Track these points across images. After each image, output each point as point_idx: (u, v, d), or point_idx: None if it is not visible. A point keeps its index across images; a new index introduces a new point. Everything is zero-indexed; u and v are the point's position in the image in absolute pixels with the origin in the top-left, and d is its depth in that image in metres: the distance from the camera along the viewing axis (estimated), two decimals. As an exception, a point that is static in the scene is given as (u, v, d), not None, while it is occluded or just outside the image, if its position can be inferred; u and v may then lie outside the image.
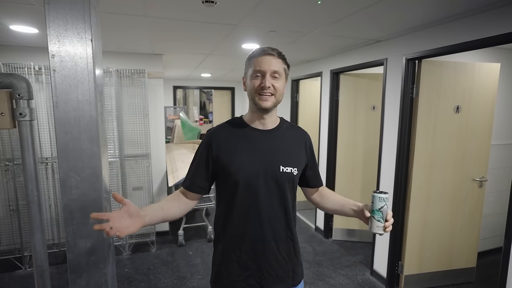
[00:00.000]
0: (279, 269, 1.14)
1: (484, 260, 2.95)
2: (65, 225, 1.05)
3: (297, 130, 1.25)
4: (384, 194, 1.01)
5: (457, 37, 1.99)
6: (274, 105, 1.11)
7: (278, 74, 1.09)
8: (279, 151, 1.14)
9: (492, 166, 2.83)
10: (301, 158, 1.19)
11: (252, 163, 1.10)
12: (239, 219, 1.12)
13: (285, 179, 1.12)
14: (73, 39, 0.94)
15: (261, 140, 1.14)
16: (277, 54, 1.10)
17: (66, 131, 1.01)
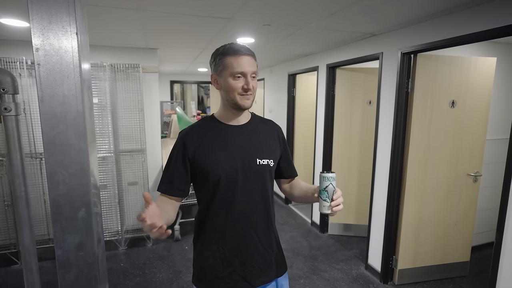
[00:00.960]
0: (262, 261, 1.16)
1: (478, 254, 2.97)
2: (52, 221, 1.04)
3: (269, 123, 1.28)
4: (328, 173, 1.01)
5: (452, 31, 1.98)
6: (252, 103, 1.14)
7: (255, 74, 1.11)
8: (254, 145, 1.17)
9: (488, 161, 2.83)
10: (276, 150, 1.22)
11: (229, 160, 1.11)
12: (220, 216, 1.12)
13: (263, 172, 1.15)
14: (57, 32, 0.92)
15: (235, 136, 1.16)
16: (252, 54, 1.12)
17: (52, 126, 0.99)
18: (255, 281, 1.15)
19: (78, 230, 1.08)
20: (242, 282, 1.14)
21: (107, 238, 3.25)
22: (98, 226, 1.16)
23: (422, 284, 2.63)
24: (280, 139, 1.25)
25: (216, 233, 1.14)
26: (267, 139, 1.21)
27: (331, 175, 1.01)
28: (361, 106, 3.39)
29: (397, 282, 2.62)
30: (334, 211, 1.02)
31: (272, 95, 5.03)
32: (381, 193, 2.67)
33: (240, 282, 1.13)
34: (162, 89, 6.40)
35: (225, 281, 1.13)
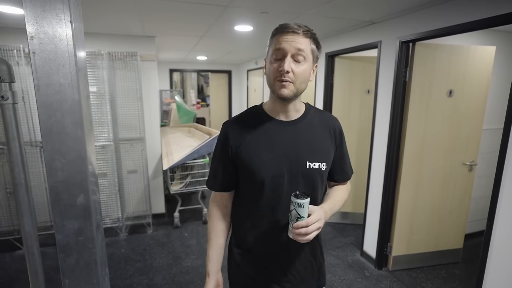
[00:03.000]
0: (303, 270, 1.07)
1: (471, 242, 3.03)
2: (52, 207, 1.07)
3: (324, 117, 1.07)
4: (295, 198, 0.88)
5: (451, 19, 1.96)
6: (294, 94, 0.95)
7: (302, 55, 0.91)
8: (305, 145, 1.00)
9: (484, 150, 2.85)
10: (330, 151, 1.04)
11: (275, 161, 0.98)
12: (261, 219, 1.02)
13: (313, 176, 1.00)
14: (51, 20, 0.92)
15: (283, 134, 1.00)
16: (303, 31, 0.91)
17: (49, 114, 1.01)
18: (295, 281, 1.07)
19: (77, 216, 1.12)
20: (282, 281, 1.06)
21: (108, 225, 3.32)
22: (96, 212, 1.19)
23: (415, 270, 2.70)
24: (336, 135, 1.06)
25: (255, 239, 1.05)
26: (320, 138, 1.03)
27: (297, 200, 0.87)
28: (360, 95, 3.39)
29: (391, 268, 2.69)
30: (294, 238, 0.89)
31: (272, 84, 5.02)
32: (378, 181, 2.70)
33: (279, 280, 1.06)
34: (161, 78, 6.37)
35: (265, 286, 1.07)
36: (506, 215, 1.69)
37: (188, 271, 2.66)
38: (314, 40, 0.94)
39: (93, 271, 1.29)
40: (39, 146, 2.96)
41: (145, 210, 3.49)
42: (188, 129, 4.56)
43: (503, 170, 1.69)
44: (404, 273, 2.65)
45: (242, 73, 6.73)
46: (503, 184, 1.70)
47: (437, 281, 2.54)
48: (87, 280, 1.28)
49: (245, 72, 6.43)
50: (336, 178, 1.12)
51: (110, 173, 3.22)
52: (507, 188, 1.68)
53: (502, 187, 1.70)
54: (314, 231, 0.87)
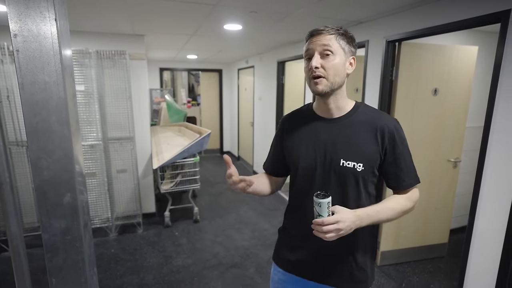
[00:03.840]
0: (329, 265, 1.10)
1: (456, 237, 3.11)
2: (38, 206, 1.06)
3: (374, 119, 1.04)
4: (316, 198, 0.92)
5: (436, 19, 2.01)
6: (329, 88, 0.99)
7: (329, 50, 0.96)
8: (343, 143, 1.03)
9: (467, 147, 2.93)
10: (371, 153, 1.02)
11: (310, 154, 1.06)
12: (296, 206, 1.15)
13: (345, 174, 1.02)
14: (35, 18, 0.91)
15: (324, 130, 1.06)
16: (328, 30, 0.98)
17: (34, 112, 1.00)
18: (322, 280, 1.12)
19: (64, 215, 1.11)
20: (307, 274, 1.13)
21: (98, 225, 3.28)
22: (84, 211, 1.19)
23: (403, 265, 2.76)
24: (385, 138, 1.02)
25: (292, 221, 1.17)
26: (362, 138, 1.02)
27: (316, 199, 0.91)
28: (348, 93, 3.40)
29: (380, 264, 2.74)
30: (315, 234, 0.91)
31: (262, 83, 5.03)
32: (366, 179, 2.74)
33: (304, 272, 1.14)
34: (151, 77, 6.32)
35: (295, 267, 1.15)
36: (486, 210, 1.75)
37: (179, 270, 2.66)
38: (340, 35, 0.99)
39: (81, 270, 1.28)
40: (25, 146, 2.91)
41: (135, 210, 3.47)
42: (178, 128, 4.55)
43: (483, 167, 1.75)
44: (392, 268, 2.71)
45: (233, 72, 6.73)
46: (483, 180, 1.75)
47: (423, 275, 2.61)
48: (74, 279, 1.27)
49: (236, 71, 6.43)
50: (392, 185, 1.08)
51: (99, 173, 3.19)
52: (487, 184, 1.74)
53: (482, 184, 1.76)
54: (331, 232, 0.89)
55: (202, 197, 4.50)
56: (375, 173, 1.05)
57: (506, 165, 1.63)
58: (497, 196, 1.69)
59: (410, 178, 1.06)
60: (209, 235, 3.30)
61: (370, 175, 1.04)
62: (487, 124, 1.71)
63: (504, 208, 1.65)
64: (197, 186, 3.71)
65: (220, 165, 6.39)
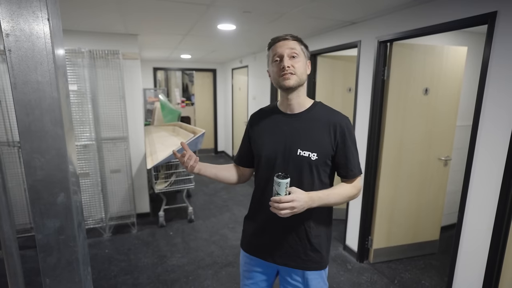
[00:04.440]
0: (287, 246, 1.23)
1: (447, 234, 3.17)
2: (31, 206, 1.06)
3: (329, 116, 1.20)
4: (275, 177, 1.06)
5: (427, 20, 2.04)
6: (298, 83, 1.16)
7: (295, 53, 1.14)
8: (300, 135, 1.18)
9: (457, 146, 2.98)
10: (325, 144, 1.16)
11: (272, 144, 1.22)
12: (258, 193, 1.28)
13: (301, 163, 1.16)
14: (27, 17, 0.91)
15: (285, 124, 1.22)
16: (291, 37, 1.17)
17: (27, 112, 1.00)
18: (278, 259, 1.25)
19: (58, 214, 1.11)
20: (268, 256, 1.27)
21: (91, 225, 3.26)
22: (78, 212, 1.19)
23: (395, 262, 2.80)
24: (337, 132, 1.17)
25: (255, 207, 1.30)
26: (317, 131, 1.17)
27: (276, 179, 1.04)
28: (342, 93, 3.47)
29: (372, 261, 2.78)
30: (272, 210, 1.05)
31: (256, 82, 5.05)
32: (359, 177, 2.78)
33: (266, 255, 1.27)
34: (145, 76, 6.28)
35: (257, 250, 1.30)
36: (475, 207, 1.79)
37: (174, 269, 2.66)
38: (301, 42, 1.19)
39: (75, 270, 1.29)
40: (16, 146, 2.88)
41: (129, 210, 3.46)
42: (172, 128, 4.53)
43: (472, 165, 1.79)
44: (384, 265, 2.75)
45: (227, 71, 6.73)
46: (472, 178, 1.80)
47: (415, 272, 2.65)
48: (68, 279, 1.27)
49: (230, 71, 6.44)
50: (342, 174, 1.22)
51: (92, 173, 3.17)
52: (475, 182, 1.78)
53: (471, 181, 1.80)
54: (287, 209, 1.02)
55: (197, 196, 4.50)
56: (327, 163, 1.19)
57: (493, 163, 1.67)
58: (484, 193, 1.73)
59: (355, 168, 1.21)
60: (203, 234, 3.31)
61: (323, 164, 1.19)
62: (475, 123, 1.75)
63: (492, 205, 1.69)
64: (191, 185, 3.71)
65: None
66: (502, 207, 1.63)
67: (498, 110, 1.64)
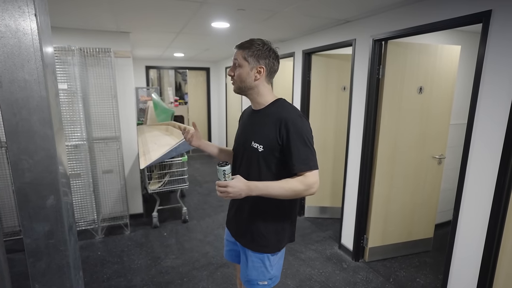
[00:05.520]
0: (241, 225, 1.43)
1: (441, 231, 3.19)
2: (19, 209, 1.02)
3: (278, 114, 1.30)
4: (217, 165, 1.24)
5: (421, 19, 2.04)
6: (239, 89, 1.35)
7: (236, 63, 1.32)
8: (255, 128, 1.35)
9: (451, 144, 3.01)
10: (271, 138, 1.28)
11: (239, 136, 1.45)
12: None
13: (252, 153, 1.32)
14: (13, 13, 0.87)
15: (249, 118, 1.43)
16: (238, 46, 1.32)
17: (13, 112, 0.96)
18: (233, 232, 1.50)
19: (47, 218, 1.07)
20: (230, 229, 1.52)
21: (83, 227, 3.20)
22: (69, 213, 1.15)
23: (390, 260, 2.81)
24: (281, 128, 1.25)
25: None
26: (266, 126, 1.30)
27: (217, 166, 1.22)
28: (336, 92, 3.47)
29: (368, 259, 2.79)
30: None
31: (250, 81, 5.01)
32: (354, 175, 2.78)
33: (230, 227, 1.53)
34: (137, 75, 6.20)
35: (228, 225, 1.56)
36: (470, 205, 1.80)
37: (168, 271, 2.62)
38: (246, 50, 1.30)
39: (65, 275, 1.24)
40: (4, 147, 2.80)
41: (122, 211, 3.40)
42: (165, 127, 4.48)
43: (467, 163, 1.79)
44: (380, 264, 2.76)
45: (220, 70, 6.68)
46: (467, 176, 1.80)
47: (410, 270, 2.67)
48: (59, 285, 1.23)
49: (223, 69, 6.39)
50: (289, 167, 1.27)
51: (84, 174, 3.10)
52: (470, 180, 1.79)
53: (466, 179, 1.81)
54: (222, 193, 1.19)
55: (191, 197, 4.46)
56: (275, 155, 1.29)
57: (488, 161, 1.68)
58: (479, 191, 1.74)
59: (300, 164, 1.24)
60: (198, 235, 3.27)
61: (270, 156, 1.29)
62: (470, 121, 1.75)
63: (486, 202, 1.70)
64: (185, 185, 3.67)
65: (209, 164, 6.35)
66: (496, 205, 1.64)
67: (493, 108, 1.64)
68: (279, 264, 1.45)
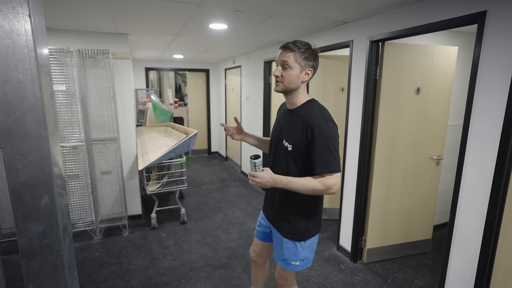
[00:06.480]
0: (274, 211, 1.60)
1: (440, 233, 3.19)
2: (13, 209, 1.02)
3: (306, 116, 1.39)
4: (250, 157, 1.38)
5: (418, 20, 2.05)
6: (284, 90, 1.43)
7: (287, 65, 1.37)
8: (286, 128, 1.47)
9: (449, 145, 3.00)
10: (298, 139, 1.39)
11: (274, 132, 1.58)
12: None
13: (282, 151, 1.46)
14: (7, 14, 0.88)
15: (283, 117, 1.54)
16: (287, 47, 1.36)
17: (7, 112, 0.97)
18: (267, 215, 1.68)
19: (42, 218, 1.07)
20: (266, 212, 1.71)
21: (81, 228, 3.20)
22: (64, 215, 1.15)
23: (388, 261, 2.81)
24: (307, 131, 1.35)
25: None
26: (295, 126, 1.41)
27: (250, 158, 1.36)
28: (334, 93, 3.47)
29: (366, 261, 2.78)
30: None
31: (249, 83, 5.02)
32: (352, 177, 2.78)
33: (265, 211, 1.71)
34: (137, 77, 6.22)
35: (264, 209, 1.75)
36: (466, 206, 1.80)
37: (165, 272, 2.62)
38: (298, 53, 1.35)
39: (60, 275, 1.24)
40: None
41: (120, 212, 3.40)
42: (164, 128, 4.48)
43: (463, 164, 1.79)
44: (378, 265, 2.75)
45: (220, 72, 6.69)
46: (463, 177, 1.80)
47: (408, 271, 2.66)
48: (53, 285, 1.23)
49: (223, 71, 6.40)
50: (313, 169, 1.37)
51: (82, 175, 3.10)
52: (467, 180, 1.79)
53: (462, 180, 1.81)
54: (252, 181, 1.35)
55: (190, 198, 4.46)
56: (302, 155, 1.39)
57: (484, 161, 1.68)
58: (476, 192, 1.74)
59: (321, 166, 1.34)
60: (196, 236, 3.27)
61: (297, 156, 1.41)
62: (466, 122, 1.75)
63: (483, 203, 1.70)
64: (184, 187, 3.67)
65: (208, 166, 6.35)
66: (493, 205, 1.64)
67: (488, 109, 1.64)
68: (311, 247, 1.58)
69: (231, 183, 5.17)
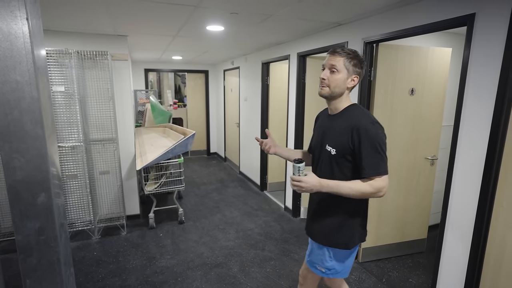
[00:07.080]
0: (315, 217, 1.54)
1: (435, 233, 3.19)
2: (11, 207, 1.05)
3: (351, 120, 1.37)
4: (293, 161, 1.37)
5: (411, 21, 2.08)
6: (329, 94, 1.40)
7: (335, 69, 1.35)
8: (330, 132, 1.44)
9: (443, 145, 3.03)
10: (343, 143, 1.36)
11: (316, 138, 1.56)
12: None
13: (327, 155, 1.43)
14: (5, 17, 0.91)
15: (325, 122, 1.52)
16: (337, 52, 1.36)
17: (5, 112, 1.00)
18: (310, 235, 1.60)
19: (38, 215, 1.11)
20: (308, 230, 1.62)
21: (80, 228, 3.23)
22: (60, 211, 1.18)
23: (383, 261, 2.83)
24: (353, 134, 1.32)
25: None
26: (339, 131, 1.38)
27: (293, 163, 1.34)
28: (331, 94, 3.49)
29: (361, 260, 2.80)
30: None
31: (247, 84, 5.06)
32: (347, 177, 2.80)
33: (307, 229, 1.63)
34: (136, 78, 6.25)
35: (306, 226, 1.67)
36: (457, 206, 1.83)
37: (162, 271, 2.65)
38: (348, 58, 1.35)
39: (56, 271, 1.28)
40: None
41: (118, 212, 3.43)
42: (163, 129, 4.52)
43: (454, 164, 1.82)
44: (373, 264, 2.78)
45: (219, 73, 6.73)
46: (454, 177, 1.83)
47: (403, 270, 2.68)
48: (50, 280, 1.26)
49: (221, 72, 6.44)
50: (360, 172, 1.35)
51: (80, 175, 3.14)
52: (457, 180, 1.82)
53: (453, 180, 1.84)
54: (295, 186, 1.29)
55: (188, 198, 4.49)
56: (347, 158, 1.37)
57: (473, 161, 1.71)
58: (466, 191, 1.77)
59: (369, 169, 1.31)
60: (193, 235, 3.30)
61: (342, 159, 1.38)
62: (457, 123, 1.78)
63: (472, 202, 1.73)
64: (181, 187, 3.70)
65: (206, 167, 6.38)
66: (482, 205, 1.67)
67: (477, 109, 1.68)
68: (343, 260, 1.50)
69: (229, 183, 5.20)
